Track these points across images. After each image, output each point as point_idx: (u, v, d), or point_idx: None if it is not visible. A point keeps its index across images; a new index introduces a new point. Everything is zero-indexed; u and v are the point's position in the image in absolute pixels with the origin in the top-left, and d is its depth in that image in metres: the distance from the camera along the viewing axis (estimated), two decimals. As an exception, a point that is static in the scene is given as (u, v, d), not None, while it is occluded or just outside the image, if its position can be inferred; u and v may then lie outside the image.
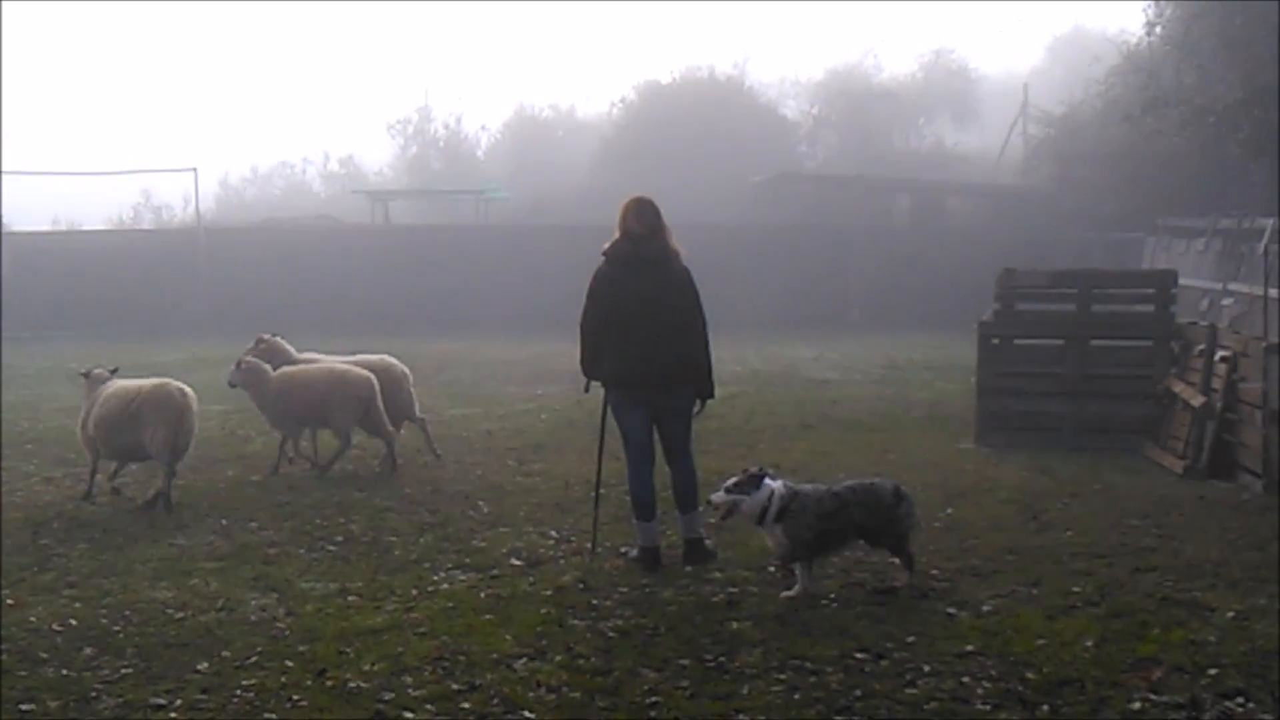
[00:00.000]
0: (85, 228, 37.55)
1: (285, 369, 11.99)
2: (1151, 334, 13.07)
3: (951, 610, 7.38)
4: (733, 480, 7.86)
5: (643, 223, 8.33)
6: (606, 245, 8.43)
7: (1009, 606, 7.43)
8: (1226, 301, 20.80)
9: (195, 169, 32.98)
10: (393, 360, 12.71)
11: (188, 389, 10.73)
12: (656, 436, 8.58)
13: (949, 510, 9.98)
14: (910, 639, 6.83)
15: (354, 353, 12.98)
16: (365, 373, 11.85)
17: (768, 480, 7.75)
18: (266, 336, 12.67)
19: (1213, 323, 13.39)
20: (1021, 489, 10.85)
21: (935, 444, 13.15)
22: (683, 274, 8.41)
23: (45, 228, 36.14)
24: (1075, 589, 7.76)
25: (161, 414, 10.44)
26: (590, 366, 8.60)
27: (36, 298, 28.73)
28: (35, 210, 36.34)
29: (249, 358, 12.02)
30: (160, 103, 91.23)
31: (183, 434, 10.54)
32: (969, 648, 6.67)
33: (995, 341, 13.45)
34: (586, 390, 8.91)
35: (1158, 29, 26.70)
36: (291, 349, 12.66)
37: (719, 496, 7.81)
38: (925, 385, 18.28)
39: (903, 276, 29.74)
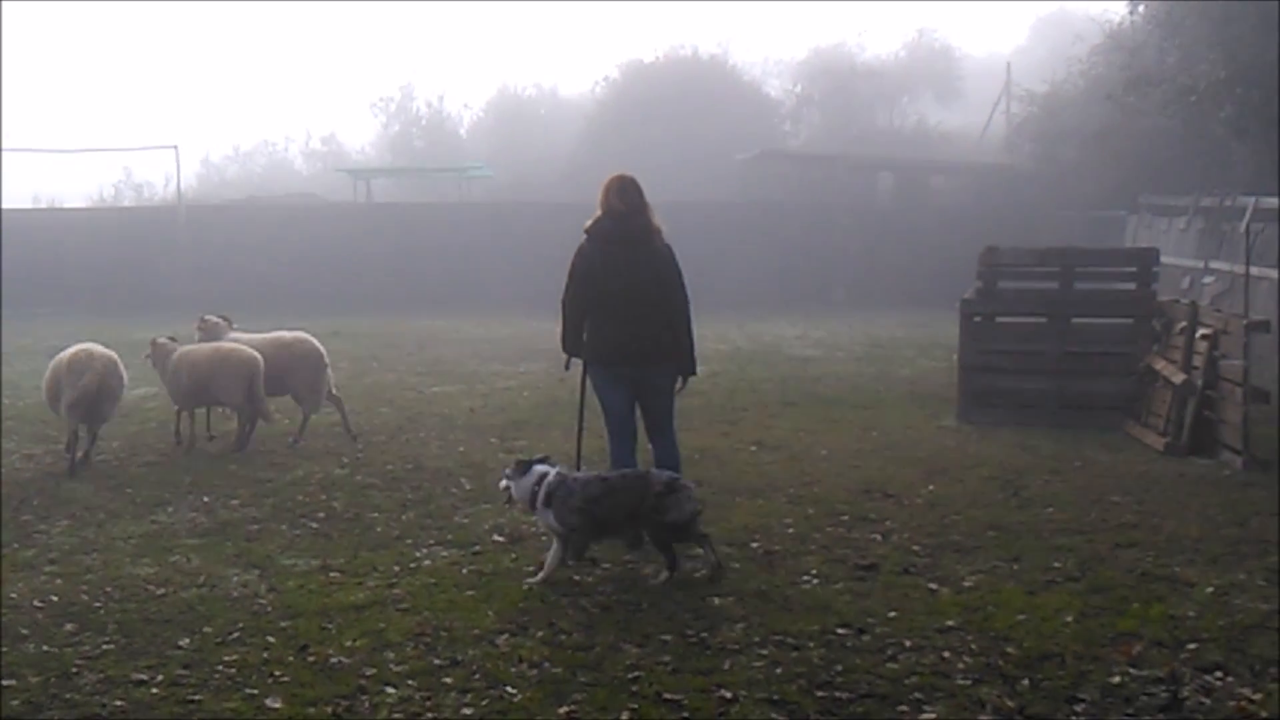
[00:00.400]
0: (66, 205, 37.30)
1: (184, 348, 12.06)
2: (1133, 312, 13.12)
3: (933, 586, 7.42)
4: (508, 467, 7.96)
5: (625, 200, 8.32)
6: (588, 223, 8.41)
7: (990, 582, 7.47)
8: (1208, 279, 20.83)
9: (176, 147, 32.74)
10: (305, 337, 12.57)
11: (97, 352, 11.13)
12: (639, 413, 8.59)
13: (931, 486, 10.02)
14: (891, 614, 6.86)
15: (277, 329, 13.22)
16: (250, 351, 11.82)
17: (537, 466, 7.76)
18: (208, 317, 12.81)
19: (1194, 300, 13.42)
20: (1003, 465, 10.89)
21: (917, 421, 13.19)
22: (665, 251, 8.40)
23: (25, 205, 35.90)
24: (1056, 564, 7.81)
25: (69, 379, 10.92)
26: (571, 344, 8.59)
27: (17, 275, 28.54)
28: (15, 188, 36.10)
29: (159, 338, 12.26)
30: (141, 80, 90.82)
31: (90, 396, 10.89)
32: (950, 623, 6.71)
33: (977, 319, 13.48)
34: (567, 368, 8.92)
35: (1140, 8, 26.62)
36: (227, 328, 12.73)
37: (502, 482, 7.91)
38: (908, 363, 18.31)
39: (886, 254, 29.70)
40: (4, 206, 31.06)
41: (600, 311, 8.35)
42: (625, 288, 8.25)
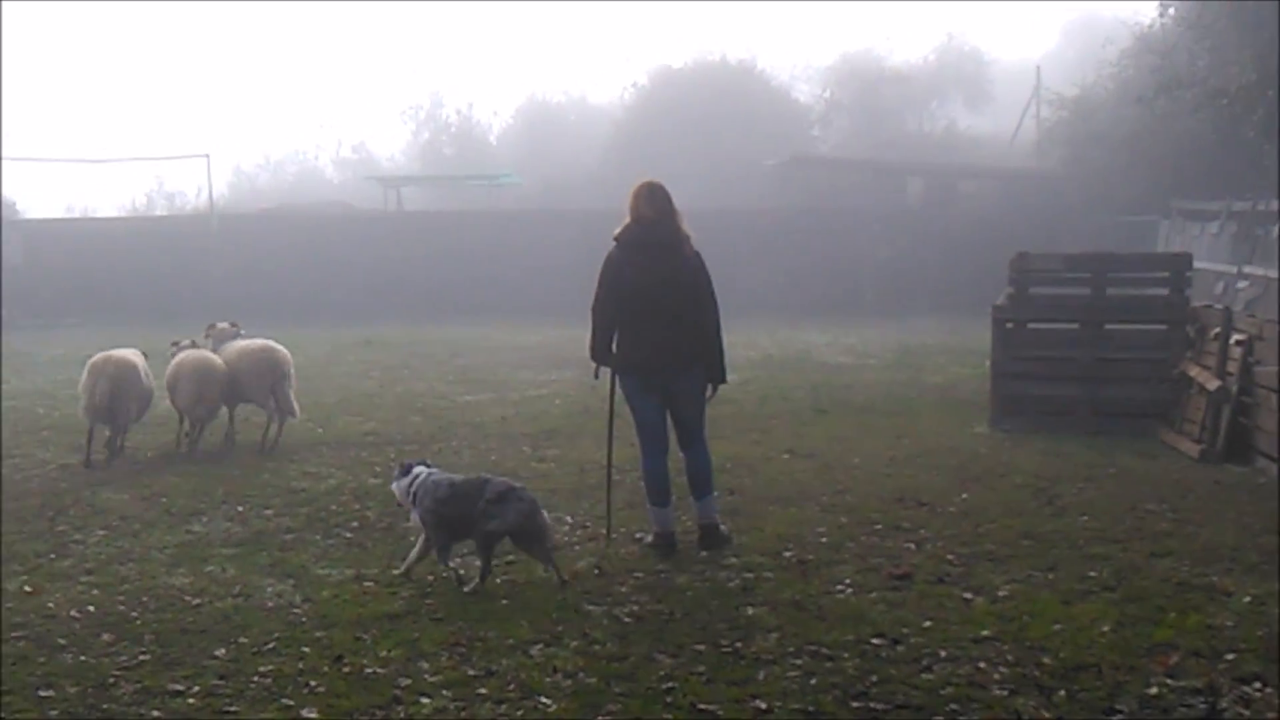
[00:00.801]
0: (99, 215, 37.64)
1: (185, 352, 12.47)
2: (1166, 317, 13.04)
3: (967, 595, 7.38)
4: (397, 468, 8.38)
5: (654, 207, 8.32)
6: (618, 230, 8.41)
7: (1025, 591, 7.43)
8: (1241, 284, 20.73)
9: (208, 156, 33.14)
10: (266, 346, 12.64)
11: (115, 356, 11.88)
12: (670, 422, 8.58)
13: (964, 495, 9.98)
14: (926, 624, 6.83)
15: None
16: (207, 358, 12.20)
17: (416, 468, 8.09)
18: (219, 324, 13.21)
19: (1228, 306, 13.35)
20: (1036, 473, 10.83)
21: (950, 428, 13.14)
22: (694, 258, 8.40)
23: (59, 215, 36.24)
24: (1091, 574, 7.76)
25: (86, 382, 11.69)
26: (600, 352, 8.58)
27: (51, 285, 28.82)
28: (50, 197, 36.48)
29: (182, 339, 12.81)
30: (174, 90, 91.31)
31: (104, 397, 11.57)
32: (985, 633, 6.67)
33: (1009, 325, 13.43)
34: (596, 376, 8.89)
35: (1171, 10, 26.56)
36: (234, 334, 13.09)
37: (392, 484, 8.30)
38: (939, 369, 18.25)
39: (916, 260, 29.68)
40: (41, 217, 31.38)
41: (630, 319, 8.35)
42: (655, 295, 8.25)
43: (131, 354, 12.02)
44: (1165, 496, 9.87)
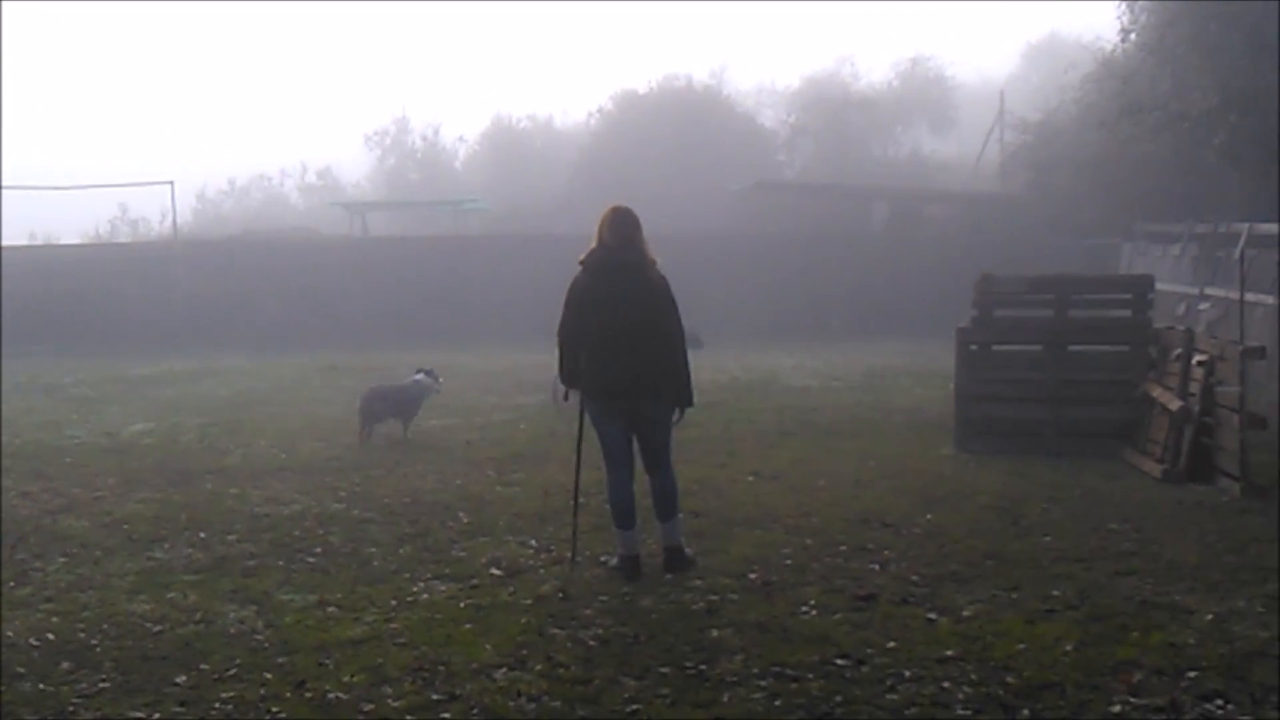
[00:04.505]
0: (61, 242, 37.41)
1: None
2: (1129, 339, 13.12)
3: (931, 616, 7.38)
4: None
5: (619, 232, 8.32)
6: (583, 254, 8.42)
7: (989, 611, 7.44)
8: (1203, 306, 20.85)
9: (172, 182, 32.89)
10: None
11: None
12: (636, 445, 8.57)
13: (929, 516, 9.99)
14: (890, 645, 6.83)
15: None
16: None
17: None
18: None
19: (1189, 327, 13.43)
20: (1001, 494, 10.86)
21: (915, 450, 13.16)
22: (660, 282, 8.39)
23: (22, 242, 36.02)
24: (1055, 593, 7.78)
25: None
26: (569, 376, 8.58)
27: (14, 313, 28.59)
28: (12, 225, 36.23)
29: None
30: (137, 115, 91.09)
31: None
32: (949, 653, 6.68)
33: (973, 348, 13.48)
34: (566, 399, 8.92)
35: (1132, 35, 26.71)
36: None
37: None
38: (904, 392, 18.30)
39: (881, 284, 29.75)
40: (2, 244, 31.19)
41: (595, 343, 8.34)
42: (619, 319, 8.24)
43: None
44: (1129, 516, 9.91)
